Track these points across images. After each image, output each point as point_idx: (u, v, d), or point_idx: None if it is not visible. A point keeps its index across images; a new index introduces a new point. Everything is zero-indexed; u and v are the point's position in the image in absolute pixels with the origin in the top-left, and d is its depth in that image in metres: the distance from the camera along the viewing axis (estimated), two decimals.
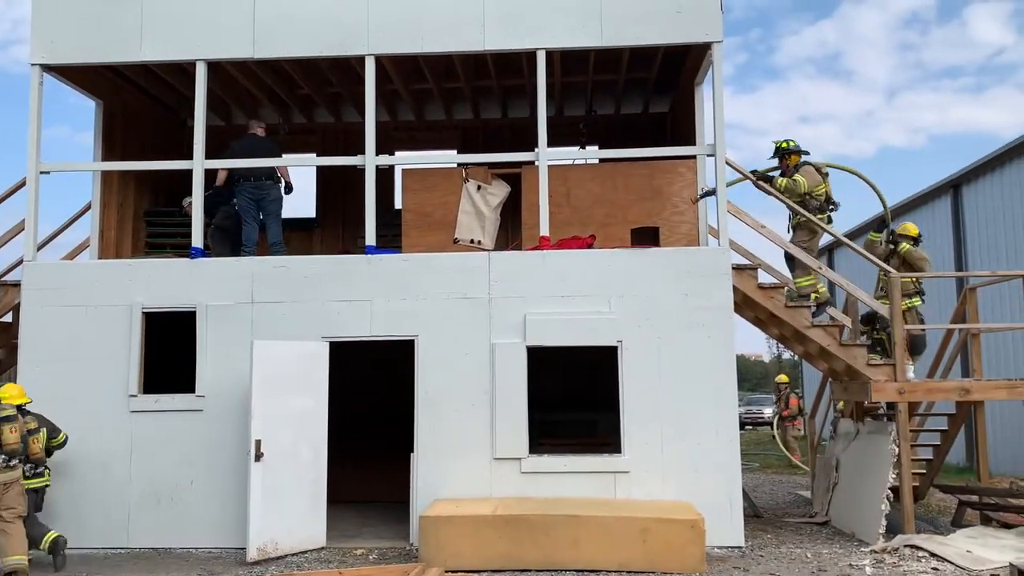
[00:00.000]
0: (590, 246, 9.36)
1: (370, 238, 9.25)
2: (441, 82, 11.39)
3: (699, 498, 8.35)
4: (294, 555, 8.31)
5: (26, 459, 7.79)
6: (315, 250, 12.04)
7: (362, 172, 9.43)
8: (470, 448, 8.72)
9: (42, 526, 8.07)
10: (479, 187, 9.99)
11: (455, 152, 12.58)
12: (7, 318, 9.95)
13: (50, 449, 8.28)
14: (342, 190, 12.22)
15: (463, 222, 9.93)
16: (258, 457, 8.16)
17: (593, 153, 11.90)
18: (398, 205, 11.67)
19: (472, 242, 9.91)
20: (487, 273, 9.00)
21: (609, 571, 7.42)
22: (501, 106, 12.36)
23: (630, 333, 8.80)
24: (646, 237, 9.76)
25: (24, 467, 7.73)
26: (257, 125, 10.48)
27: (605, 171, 10.28)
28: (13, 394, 7.93)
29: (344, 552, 8.45)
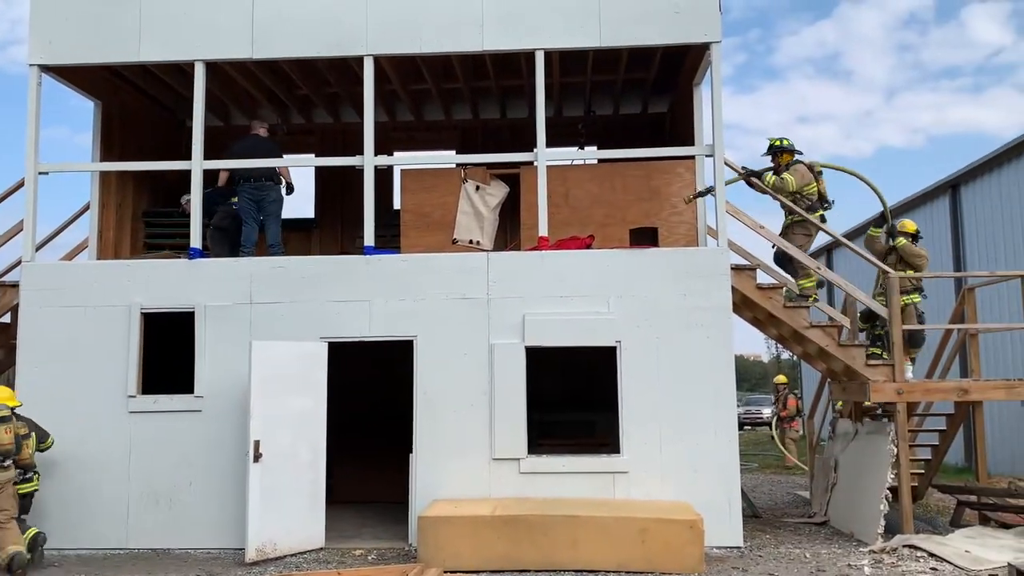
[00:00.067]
0: (589, 246, 9.36)
1: (369, 238, 9.24)
2: (440, 82, 11.39)
3: (698, 498, 8.35)
4: (293, 556, 8.30)
5: (15, 464, 7.81)
6: (314, 250, 12.04)
7: (361, 172, 9.43)
8: (469, 448, 8.72)
9: (23, 522, 8.10)
10: (478, 187, 9.99)
11: (454, 152, 12.58)
12: (6, 319, 9.94)
13: (39, 451, 8.33)
14: (341, 190, 12.22)
15: (462, 222, 9.93)
16: (257, 458, 8.16)
17: (592, 153, 11.90)
18: (397, 205, 11.68)
19: (471, 242, 9.91)
20: (486, 273, 9.00)
21: (608, 571, 7.42)
22: (500, 106, 12.36)
23: (629, 333, 8.80)
24: (645, 237, 9.76)
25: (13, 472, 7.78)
26: (260, 125, 10.45)
27: (604, 171, 10.29)
28: (4, 396, 7.97)
29: (343, 553, 8.44)
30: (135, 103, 11.38)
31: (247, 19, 9.35)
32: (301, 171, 12.28)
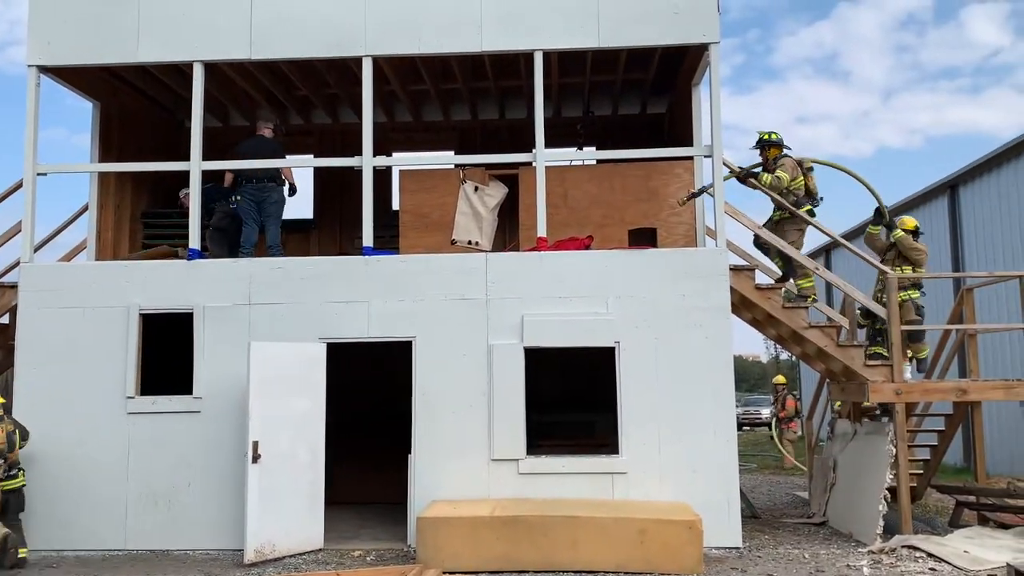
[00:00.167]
0: (587, 247, 9.36)
1: (367, 239, 9.24)
2: (439, 83, 11.39)
3: (697, 499, 8.36)
4: (291, 557, 8.30)
5: (5, 461, 7.86)
6: (312, 251, 12.03)
7: (359, 173, 9.43)
8: (468, 449, 8.72)
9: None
10: (476, 188, 9.99)
11: (452, 153, 12.58)
12: (4, 320, 9.93)
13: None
14: (339, 191, 12.21)
15: (460, 223, 9.94)
16: (255, 458, 8.15)
17: (590, 154, 11.90)
18: (395, 206, 11.69)
19: (470, 243, 9.91)
20: (484, 274, 9.00)
21: (607, 572, 7.42)
22: (499, 107, 12.36)
23: (628, 334, 8.80)
24: (643, 238, 9.77)
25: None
26: (265, 126, 10.40)
27: (602, 172, 10.29)
28: None
29: (342, 553, 8.44)
30: (134, 104, 11.37)
31: (246, 20, 9.34)
32: (300, 172, 12.25)
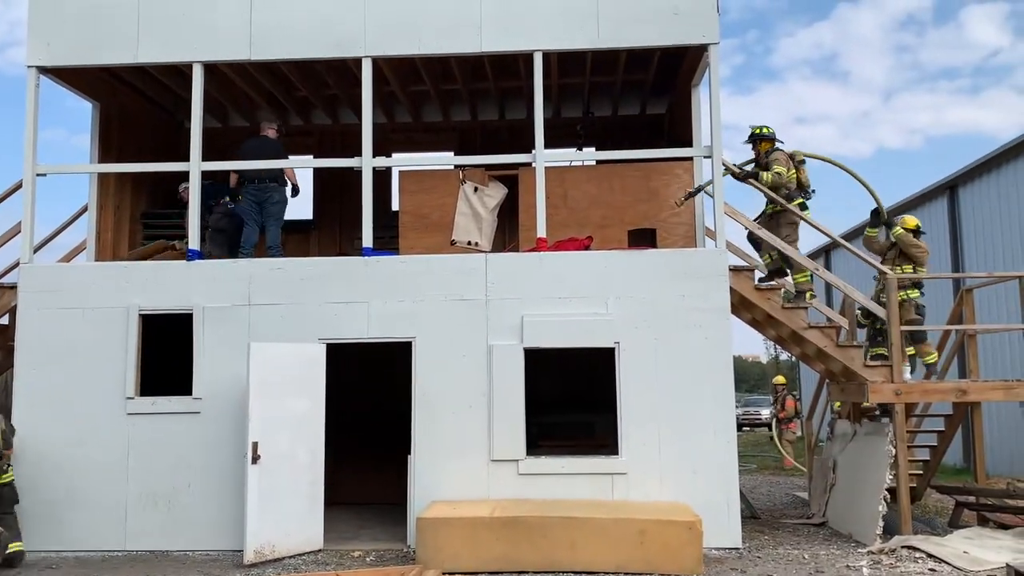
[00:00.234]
0: (587, 248, 9.36)
1: (367, 240, 9.24)
2: (438, 84, 11.39)
3: (696, 499, 8.36)
4: (291, 557, 8.30)
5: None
6: (312, 252, 12.03)
7: (359, 174, 9.43)
8: (467, 450, 8.72)
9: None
10: (476, 189, 10.00)
11: (452, 154, 12.58)
12: (4, 320, 9.93)
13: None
14: (339, 192, 12.21)
15: (460, 224, 9.94)
16: (255, 459, 8.15)
17: (590, 155, 11.90)
18: (395, 207, 11.68)
19: (469, 244, 9.91)
20: (484, 275, 9.00)
21: (607, 572, 7.42)
22: (498, 108, 12.36)
23: (627, 334, 8.80)
24: (643, 238, 9.77)
25: None
26: (268, 126, 10.38)
27: (602, 173, 10.30)
28: None
29: (341, 554, 8.44)
30: (134, 105, 11.37)
31: (245, 21, 9.34)
32: (300, 172, 12.26)
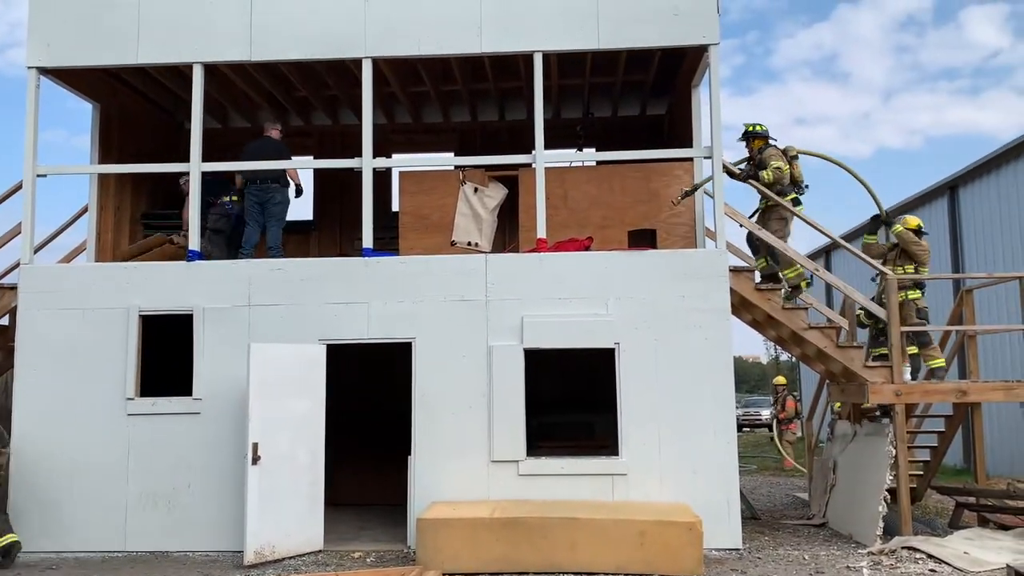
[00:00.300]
0: (587, 248, 9.36)
1: (367, 240, 9.24)
2: (438, 85, 11.40)
3: (697, 500, 8.35)
4: (291, 558, 8.29)
5: None
6: (312, 253, 12.03)
7: (359, 175, 9.43)
8: (467, 450, 8.71)
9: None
10: (476, 189, 10.00)
11: (452, 154, 12.58)
12: (4, 321, 9.92)
13: None
14: (339, 192, 12.22)
15: (460, 224, 9.94)
16: (255, 460, 8.15)
17: (590, 155, 11.90)
18: (395, 207, 11.69)
19: (469, 244, 9.92)
20: (484, 275, 9.00)
21: (607, 573, 7.41)
22: (498, 108, 12.37)
23: (627, 335, 8.80)
24: (643, 239, 9.77)
25: None
26: (272, 127, 10.39)
27: (602, 173, 10.30)
28: None
29: (341, 555, 8.44)
30: (134, 105, 11.38)
31: (245, 21, 9.35)
32: (300, 173, 12.27)
